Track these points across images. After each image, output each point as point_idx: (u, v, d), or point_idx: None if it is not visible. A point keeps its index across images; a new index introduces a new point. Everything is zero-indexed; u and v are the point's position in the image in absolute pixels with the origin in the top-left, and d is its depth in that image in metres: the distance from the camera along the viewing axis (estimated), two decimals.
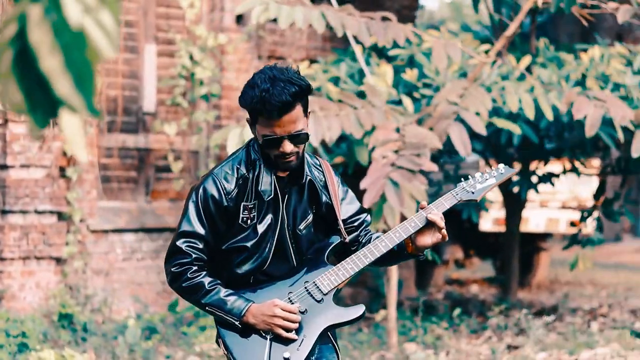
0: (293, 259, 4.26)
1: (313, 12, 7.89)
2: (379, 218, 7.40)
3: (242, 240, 4.19)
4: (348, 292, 11.23)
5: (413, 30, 8.49)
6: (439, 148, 7.23)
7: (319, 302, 4.22)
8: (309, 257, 4.29)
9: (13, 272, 9.38)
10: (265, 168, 4.15)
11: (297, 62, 11.13)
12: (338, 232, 4.34)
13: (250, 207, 4.16)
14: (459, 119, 7.97)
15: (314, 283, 4.23)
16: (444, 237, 4.18)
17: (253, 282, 4.23)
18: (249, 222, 4.17)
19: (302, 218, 4.25)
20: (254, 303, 4.15)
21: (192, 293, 4.19)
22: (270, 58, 11.30)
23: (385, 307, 9.57)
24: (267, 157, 4.13)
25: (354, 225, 4.38)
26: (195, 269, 4.16)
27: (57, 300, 9.44)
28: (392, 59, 10.56)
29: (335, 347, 4.35)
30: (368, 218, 4.44)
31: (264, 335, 4.15)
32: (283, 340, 4.16)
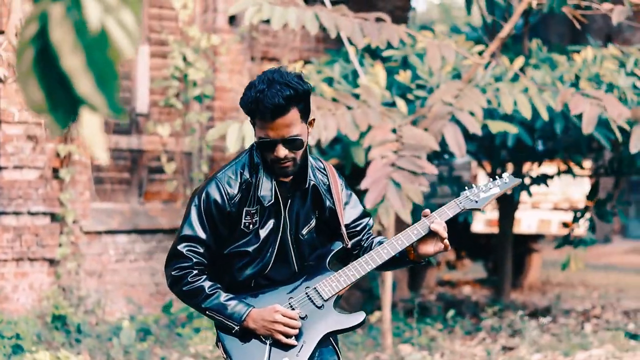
0: (295, 264, 4.25)
1: (306, 12, 7.87)
2: (374, 218, 7.38)
3: (244, 245, 4.18)
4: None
5: (407, 31, 8.48)
6: (437, 150, 7.22)
7: (320, 308, 4.21)
8: (311, 262, 4.28)
9: (6, 273, 9.35)
10: (266, 173, 4.13)
11: (290, 63, 11.11)
12: (340, 237, 4.33)
13: (253, 212, 4.14)
14: (454, 120, 7.96)
15: (315, 289, 4.23)
16: (446, 246, 4.18)
17: (254, 286, 4.23)
18: (251, 227, 4.16)
19: (304, 223, 4.24)
20: (255, 308, 4.14)
21: (192, 297, 4.18)
22: (263, 59, 11.29)
23: (379, 308, 9.57)
24: (265, 161, 4.12)
25: (357, 230, 4.37)
26: (196, 273, 4.15)
27: (50, 302, 9.41)
28: (385, 60, 10.55)
29: (336, 349, 4.35)
30: (370, 222, 4.43)
31: (264, 340, 4.15)
32: (282, 346, 4.16)
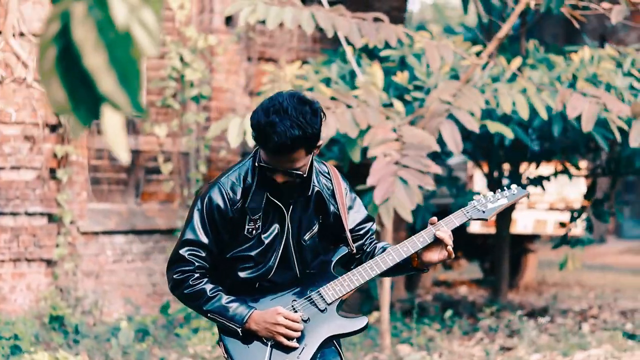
0: (297, 269, 4.26)
1: (303, 12, 7.86)
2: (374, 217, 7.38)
3: (247, 250, 4.18)
4: None
5: (405, 31, 8.48)
6: (437, 150, 7.22)
7: (323, 311, 4.22)
8: (315, 266, 4.29)
9: (3, 274, 9.33)
10: (260, 183, 4.13)
11: (288, 63, 11.11)
12: (345, 241, 4.33)
13: (256, 218, 4.14)
14: (452, 118, 7.95)
15: (319, 292, 4.23)
16: (450, 254, 4.19)
17: (257, 289, 4.23)
18: (254, 232, 4.16)
19: (307, 228, 4.24)
20: (256, 310, 4.15)
21: (193, 300, 4.18)
22: (260, 60, 11.28)
23: (377, 309, 9.57)
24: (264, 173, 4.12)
25: (360, 234, 4.37)
26: (197, 277, 4.15)
27: (47, 303, 9.39)
28: (382, 60, 10.54)
29: (339, 350, 4.35)
30: (374, 227, 4.44)
31: (265, 342, 4.15)
32: (284, 348, 4.16)
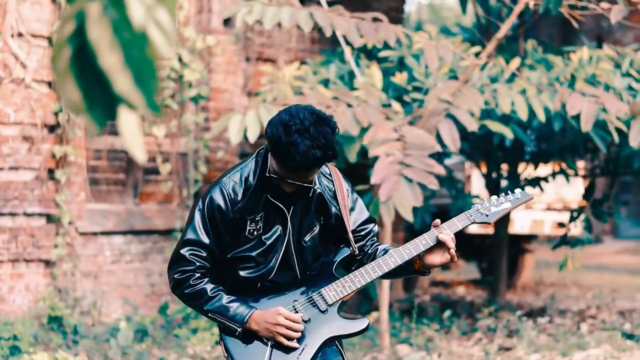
0: (297, 269, 4.26)
1: (300, 12, 7.85)
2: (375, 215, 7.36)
3: (248, 250, 4.18)
4: None
5: (404, 31, 8.47)
6: (439, 151, 7.21)
7: (324, 312, 4.22)
8: (317, 266, 4.29)
9: (2, 274, 9.32)
10: (259, 185, 4.12)
11: (286, 63, 11.11)
12: (346, 242, 4.33)
13: (257, 219, 4.14)
14: (450, 117, 7.94)
15: (320, 293, 4.23)
16: (453, 257, 4.18)
17: (258, 289, 4.23)
18: (255, 233, 4.16)
19: (307, 229, 4.24)
20: (257, 310, 4.15)
21: (194, 299, 4.18)
22: (258, 60, 11.28)
23: (376, 309, 9.57)
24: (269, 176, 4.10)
25: (361, 235, 4.37)
26: (198, 276, 4.16)
27: (46, 303, 9.38)
28: (381, 61, 10.53)
29: (341, 350, 4.35)
30: (375, 228, 4.43)
31: (265, 342, 4.15)
32: (284, 348, 4.17)
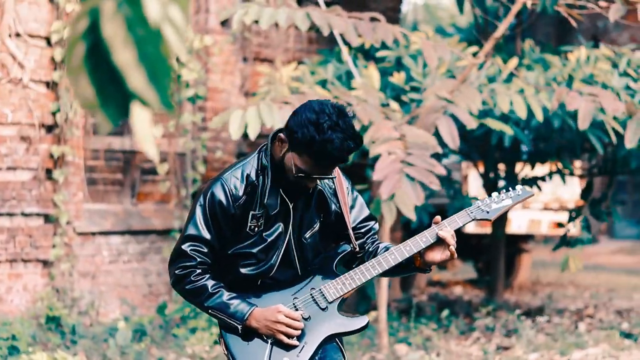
0: (298, 266, 4.26)
1: (297, 12, 7.85)
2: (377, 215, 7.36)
3: (248, 247, 4.18)
4: None
5: (401, 31, 8.47)
6: (439, 151, 7.21)
7: (324, 310, 4.22)
8: (317, 264, 4.29)
9: (0, 274, 9.32)
10: (274, 180, 4.12)
11: (283, 63, 11.11)
12: (347, 240, 4.33)
13: (259, 215, 4.14)
14: (448, 114, 7.92)
15: (320, 291, 4.23)
16: (453, 254, 4.17)
17: (259, 286, 4.23)
18: (257, 229, 4.16)
19: (308, 227, 4.24)
20: (257, 307, 4.15)
21: (195, 295, 4.18)
22: (256, 60, 11.28)
23: (374, 308, 9.57)
24: (282, 171, 4.10)
25: (361, 232, 4.37)
26: (199, 272, 4.15)
27: (44, 303, 9.38)
28: (378, 61, 10.53)
29: (341, 347, 4.36)
30: (376, 226, 4.43)
31: (265, 339, 4.15)
32: (284, 346, 4.17)
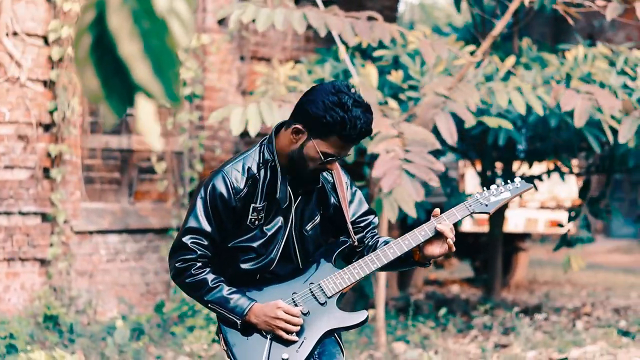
0: (298, 260, 4.26)
1: (294, 13, 7.84)
2: (379, 213, 7.35)
3: (248, 241, 4.18)
4: None
5: (399, 29, 8.47)
6: (439, 148, 7.22)
7: (323, 304, 4.21)
8: (316, 258, 4.29)
9: None
10: (282, 175, 4.13)
11: (280, 62, 11.11)
12: (346, 234, 4.33)
13: (259, 208, 4.14)
14: (447, 111, 7.92)
15: (319, 285, 4.23)
16: (451, 247, 4.17)
17: (258, 280, 4.23)
18: (257, 222, 4.16)
19: (309, 219, 4.25)
20: (257, 302, 4.14)
21: (195, 289, 4.18)
22: (253, 59, 11.28)
23: (372, 307, 9.57)
24: (297, 166, 4.10)
25: (361, 226, 4.37)
26: (199, 266, 4.15)
27: (42, 302, 9.38)
28: (376, 60, 10.54)
29: (339, 341, 4.36)
30: (375, 220, 4.43)
31: (265, 335, 4.15)
32: (283, 342, 4.16)
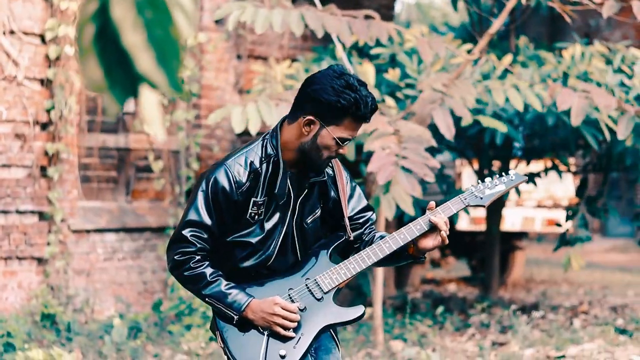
0: (298, 253, 4.25)
1: (292, 14, 7.82)
2: (377, 211, 7.35)
3: (247, 236, 4.16)
4: None
5: (396, 27, 8.47)
6: (434, 145, 7.21)
7: (319, 300, 4.21)
8: (312, 253, 4.28)
9: None
10: (285, 170, 4.12)
11: (278, 61, 11.10)
12: (343, 229, 4.33)
13: (260, 203, 4.13)
14: (444, 107, 7.91)
15: (315, 281, 4.22)
16: (444, 240, 4.17)
17: (255, 275, 4.22)
18: (257, 217, 4.15)
19: (310, 212, 4.24)
20: (255, 298, 4.13)
21: (192, 282, 4.16)
22: (250, 57, 11.27)
23: (369, 305, 9.57)
24: (309, 157, 4.09)
25: (359, 223, 4.36)
26: (198, 259, 4.13)
27: (39, 301, 9.37)
28: (373, 58, 10.55)
29: (334, 335, 4.36)
30: (373, 217, 4.43)
31: (262, 331, 4.14)
32: (280, 337, 4.15)
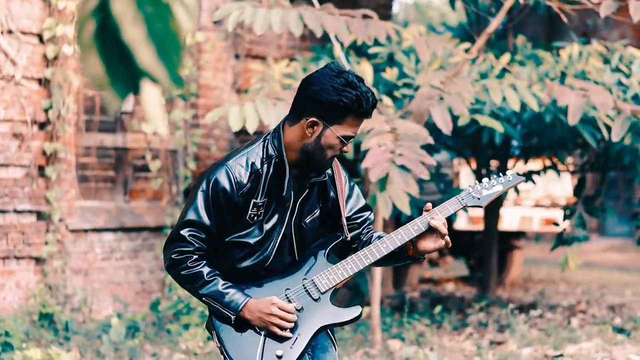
0: (296, 253, 4.25)
1: (291, 14, 7.82)
2: (373, 210, 7.34)
3: (245, 236, 4.15)
4: None
5: (394, 27, 8.47)
6: (431, 142, 7.21)
7: (316, 300, 4.20)
8: (310, 253, 4.28)
9: None
10: (289, 172, 4.11)
11: (276, 60, 11.10)
12: (340, 229, 4.33)
13: (260, 204, 4.12)
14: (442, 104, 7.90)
15: (313, 281, 4.22)
16: (447, 243, 4.17)
17: (252, 276, 4.22)
18: (256, 218, 4.14)
19: (309, 212, 4.24)
20: (252, 298, 4.13)
21: (189, 282, 4.15)
22: (248, 57, 11.27)
23: (367, 304, 9.58)
24: (313, 158, 4.08)
25: (357, 223, 4.35)
26: (196, 259, 4.12)
27: (37, 300, 9.37)
28: (371, 57, 10.55)
29: (331, 335, 4.36)
30: (371, 217, 4.42)
31: (259, 332, 4.14)
32: (277, 338, 4.15)
